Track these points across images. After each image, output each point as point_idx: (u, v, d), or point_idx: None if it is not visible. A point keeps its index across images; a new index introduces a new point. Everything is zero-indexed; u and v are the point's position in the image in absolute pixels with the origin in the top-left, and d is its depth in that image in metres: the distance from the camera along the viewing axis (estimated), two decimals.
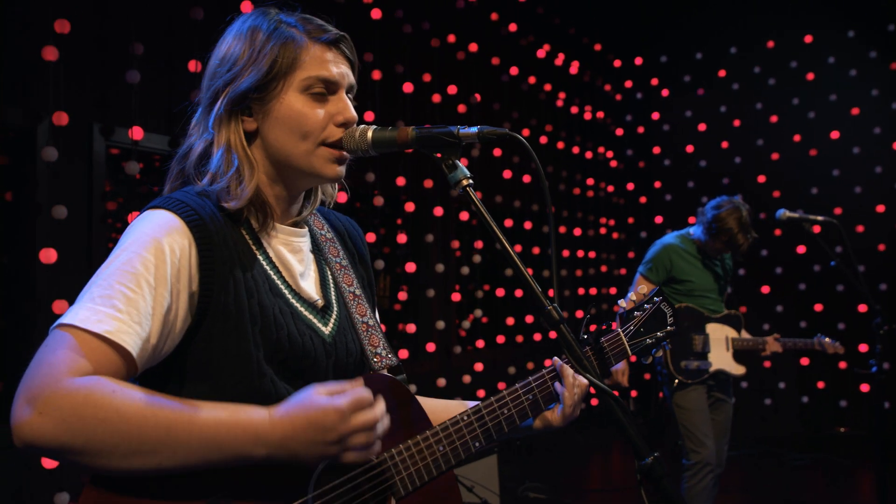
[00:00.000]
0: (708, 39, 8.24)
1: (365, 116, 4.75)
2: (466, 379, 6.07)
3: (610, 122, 8.82)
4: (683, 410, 4.33)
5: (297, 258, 1.57)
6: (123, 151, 4.19)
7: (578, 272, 8.22)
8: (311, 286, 1.59)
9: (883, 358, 3.95)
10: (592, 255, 8.39)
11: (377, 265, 5.16)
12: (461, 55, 6.30)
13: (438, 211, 5.98)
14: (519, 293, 6.93)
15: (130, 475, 1.24)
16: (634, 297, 1.95)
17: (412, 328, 5.63)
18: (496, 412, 1.66)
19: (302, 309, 1.53)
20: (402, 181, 5.50)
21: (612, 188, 8.76)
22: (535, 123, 7.43)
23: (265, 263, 1.50)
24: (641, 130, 8.67)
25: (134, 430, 1.19)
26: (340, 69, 1.52)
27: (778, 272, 7.60)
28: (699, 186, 7.90)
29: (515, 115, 7.14)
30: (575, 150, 8.17)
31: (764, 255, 7.58)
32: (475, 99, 6.38)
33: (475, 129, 1.42)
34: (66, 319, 1.26)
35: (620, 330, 1.89)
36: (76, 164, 3.90)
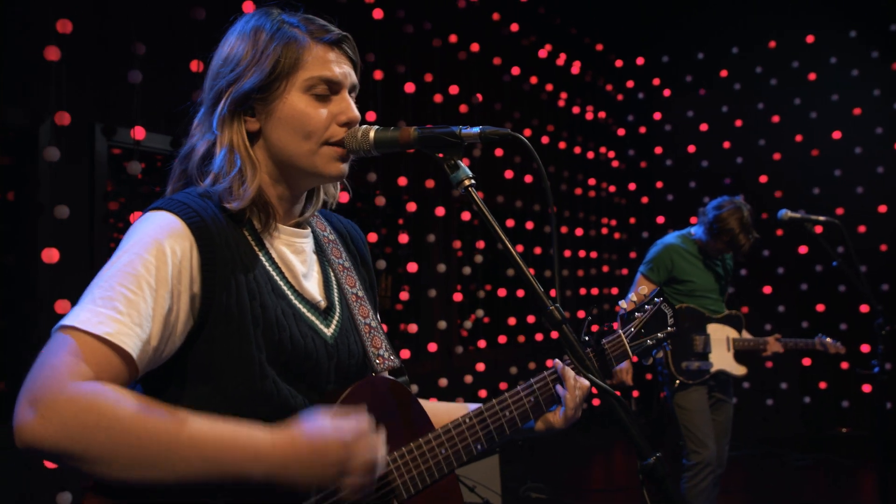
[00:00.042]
0: (709, 39, 8.23)
1: (367, 116, 4.75)
2: (468, 379, 6.06)
3: (611, 122, 8.82)
4: (684, 411, 4.33)
5: (299, 259, 1.56)
6: (125, 151, 4.19)
7: (580, 272, 8.21)
8: (314, 287, 1.58)
9: (885, 358, 3.94)
10: (594, 255, 8.38)
11: (379, 265, 5.16)
12: (463, 55, 6.30)
13: (440, 211, 5.98)
14: (520, 293, 6.93)
15: (128, 486, 1.22)
16: (635, 297, 1.96)
17: (414, 328, 5.63)
18: (498, 414, 1.66)
19: (304, 310, 1.52)
20: (403, 181, 5.50)
21: (613, 188, 8.76)
22: (536, 123, 7.43)
23: (267, 264, 1.49)
24: (643, 130, 8.67)
25: (134, 441, 1.18)
26: (343, 69, 1.51)
27: (780, 272, 7.60)
28: (701, 186, 7.89)
29: (517, 115, 7.13)
30: (577, 150, 8.17)
31: (766, 255, 7.57)
32: (477, 99, 6.38)
33: (477, 129, 1.41)
34: (67, 321, 1.25)
35: (621, 331, 1.89)
36: (78, 164, 3.91)
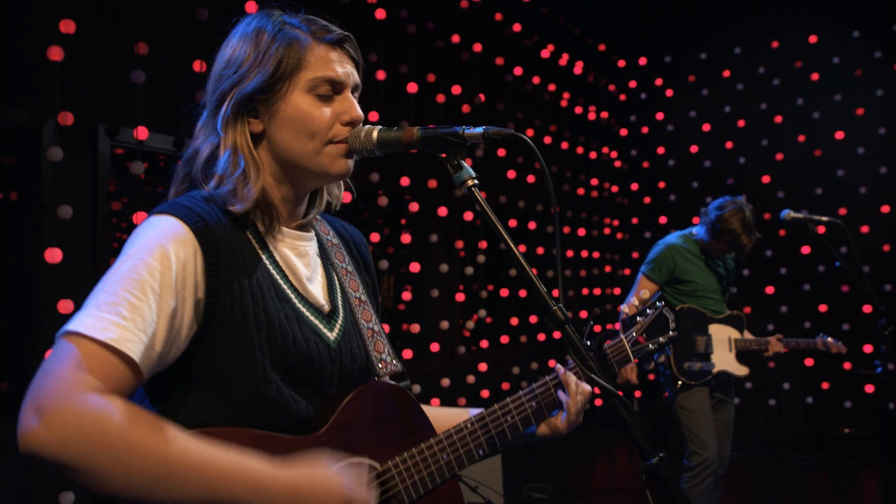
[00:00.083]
0: (712, 40, 8.22)
1: (369, 117, 4.75)
2: (470, 379, 6.06)
3: (614, 122, 8.82)
4: (686, 412, 4.32)
5: (303, 262, 1.56)
6: (128, 151, 4.20)
7: (583, 272, 8.22)
8: (318, 290, 1.58)
9: (888, 359, 3.94)
10: (596, 255, 8.38)
11: (381, 265, 5.16)
12: (465, 55, 6.30)
13: (442, 211, 5.98)
14: (523, 293, 6.93)
15: (125, 502, 1.23)
16: (637, 301, 1.96)
17: (416, 328, 5.63)
18: (500, 420, 1.67)
19: (308, 314, 1.52)
20: (406, 181, 5.51)
21: (616, 188, 8.76)
22: (539, 123, 7.43)
23: (271, 267, 1.49)
24: (646, 131, 8.66)
25: (135, 462, 1.18)
26: (345, 69, 1.51)
27: (782, 273, 7.59)
28: (703, 187, 7.89)
29: (520, 115, 7.13)
30: (579, 150, 8.16)
31: (768, 255, 7.56)
32: (479, 99, 6.38)
33: (480, 129, 1.41)
34: (71, 327, 1.25)
35: (623, 335, 1.90)
36: (81, 164, 3.91)
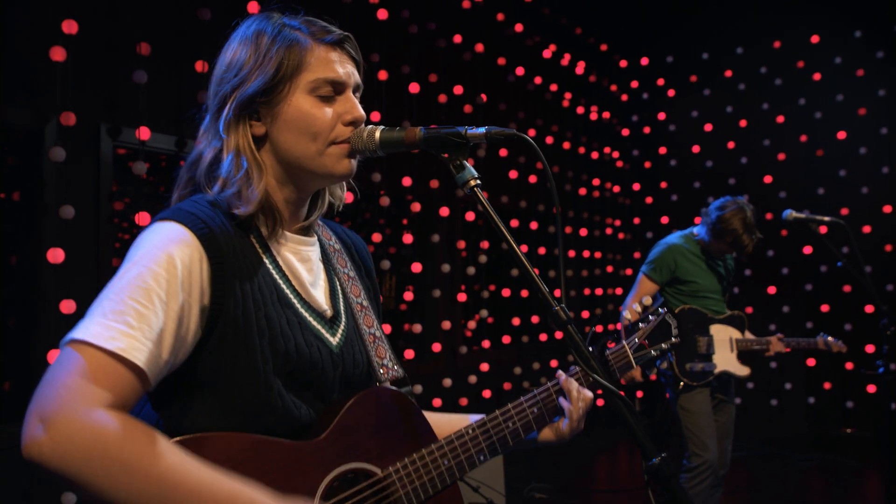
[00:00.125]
0: (714, 40, 8.22)
1: (371, 117, 4.76)
2: (472, 379, 6.07)
3: (616, 122, 8.81)
4: (688, 413, 4.30)
5: (305, 267, 1.56)
6: (131, 152, 4.21)
7: (584, 272, 8.22)
8: (320, 295, 1.58)
9: (890, 359, 3.93)
10: (598, 255, 8.38)
11: (383, 265, 5.17)
12: (467, 55, 6.31)
13: (444, 211, 5.99)
14: (524, 293, 6.93)
15: None
16: (639, 308, 1.96)
17: (418, 328, 5.63)
18: (501, 425, 1.67)
19: (310, 319, 1.52)
20: (408, 181, 5.51)
21: (617, 188, 8.76)
22: (541, 124, 7.43)
23: (274, 272, 1.49)
24: (647, 131, 8.66)
25: (133, 485, 1.19)
26: (346, 69, 1.51)
27: (784, 273, 7.59)
28: (705, 187, 7.88)
29: (521, 115, 7.14)
30: (581, 150, 8.17)
31: (770, 255, 7.56)
32: (481, 99, 6.38)
33: (483, 129, 1.41)
34: (78, 335, 1.25)
35: (625, 342, 1.89)
36: (84, 164, 3.92)
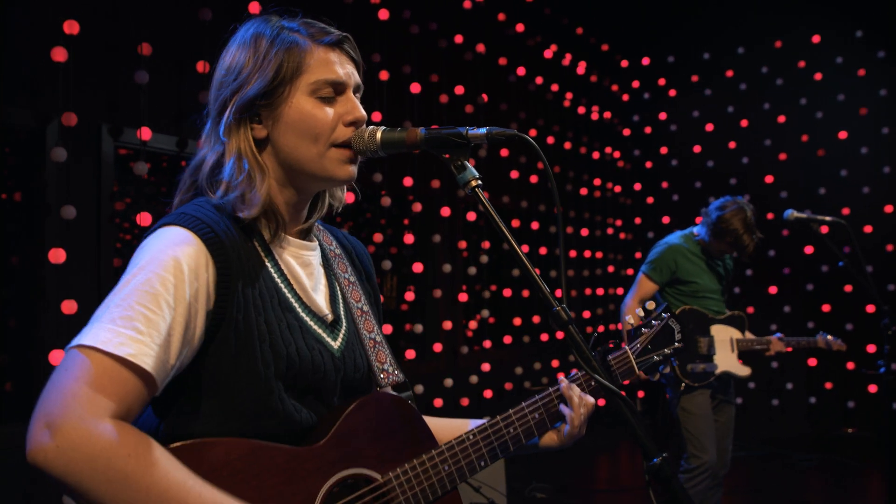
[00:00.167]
0: (715, 39, 8.22)
1: (372, 117, 4.76)
2: (473, 379, 6.07)
3: (617, 122, 8.82)
4: (689, 415, 4.29)
5: (306, 272, 1.57)
6: (132, 152, 4.21)
7: (586, 272, 8.21)
8: (321, 300, 1.58)
9: (891, 358, 3.92)
10: (599, 255, 8.38)
11: (384, 265, 5.17)
12: (468, 56, 6.31)
13: (445, 211, 5.99)
14: (526, 293, 6.93)
15: None
16: (642, 312, 1.96)
17: (419, 328, 5.64)
18: (502, 431, 1.67)
19: (311, 323, 1.52)
20: (409, 182, 5.51)
21: (619, 188, 8.75)
22: (542, 124, 7.43)
23: (276, 276, 1.50)
24: (649, 131, 8.66)
25: (134, 498, 1.20)
26: (346, 69, 1.51)
27: (785, 273, 7.59)
28: (706, 187, 7.88)
29: (523, 115, 7.14)
30: (582, 150, 8.17)
31: (771, 255, 7.56)
32: (482, 99, 6.39)
33: (484, 130, 1.41)
34: (86, 341, 1.24)
35: (628, 347, 1.89)
36: (85, 164, 3.92)
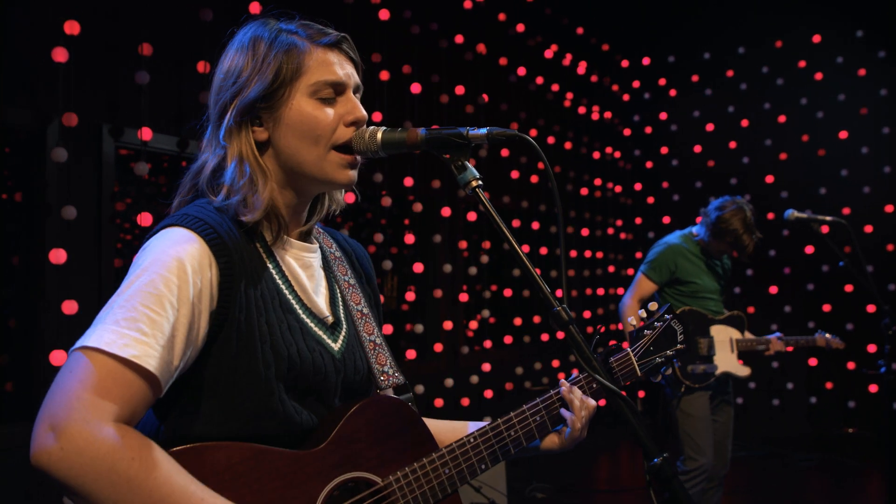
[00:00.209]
0: (715, 39, 8.22)
1: (373, 117, 4.76)
2: (474, 379, 6.07)
3: (617, 122, 8.81)
4: (688, 417, 4.26)
5: (307, 273, 1.57)
6: (132, 152, 4.21)
7: (586, 272, 8.21)
8: (322, 302, 1.59)
9: (891, 358, 3.93)
10: (600, 255, 8.38)
11: (385, 265, 5.17)
12: (469, 56, 6.31)
13: (446, 211, 5.99)
14: (526, 293, 6.93)
15: None
16: (644, 314, 1.95)
17: (420, 328, 5.64)
18: (503, 434, 1.66)
19: (312, 325, 1.53)
20: (409, 182, 5.51)
21: (619, 188, 8.75)
22: (542, 124, 7.43)
23: (278, 278, 1.50)
24: (649, 131, 8.66)
25: (136, 502, 1.20)
26: (346, 70, 1.51)
27: (786, 272, 7.58)
28: (707, 187, 7.87)
29: (523, 115, 7.14)
30: (582, 150, 8.16)
31: (772, 255, 7.56)
32: (483, 99, 6.38)
33: (484, 130, 1.41)
34: (91, 343, 1.24)
35: (630, 349, 1.89)
36: (85, 164, 3.92)
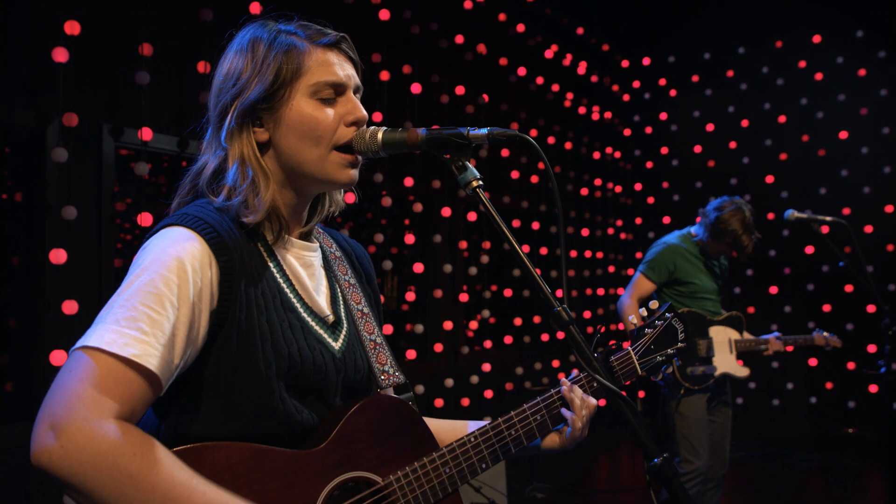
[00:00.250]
0: (716, 39, 8.22)
1: (373, 117, 4.76)
2: (474, 379, 6.07)
3: (618, 122, 8.81)
4: (685, 419, 4.25)
5: (308, 272, 1.57)
6: (133, 152, 4.21)
7: (586, 272, 8.21)
8: (323, 301, 1.59)
9: (891, 358, 3.93)
10: (600, 255, 8.38)
11: (385, 265, 5.17)
12: (469, 56, 6.31)
13: (446, 211, 5.99)
14: (526, 293, 6.93)
15: None
16: (645, 312, 1.95)
17: (420, 328, 5.64)
18: (503, 433, 1.66)
19: (313, 324, 1.53)
20: (410, 182, 5.51)
21: (619, 188, 8.75)
22: (542, 124, 7.43)
23: (279, 277, 1.50)
24: (649, 131, 8.66)
25: (139, 499, 1.20)
26: (346, 70, 1.52)
27: (786, 273, 7.58)
28: (707, 187, 7.87)
29: (523, 115, 7.14)
30: (583, 150, 8.17)
31: (772, 255, 7.56)
32: (483, 100, 6.39)
33: (485, 130, 1.40)
34: (91, 342, 1.24)
35: (631, 348, 1.88)
36: (86, 164, 3.92)
